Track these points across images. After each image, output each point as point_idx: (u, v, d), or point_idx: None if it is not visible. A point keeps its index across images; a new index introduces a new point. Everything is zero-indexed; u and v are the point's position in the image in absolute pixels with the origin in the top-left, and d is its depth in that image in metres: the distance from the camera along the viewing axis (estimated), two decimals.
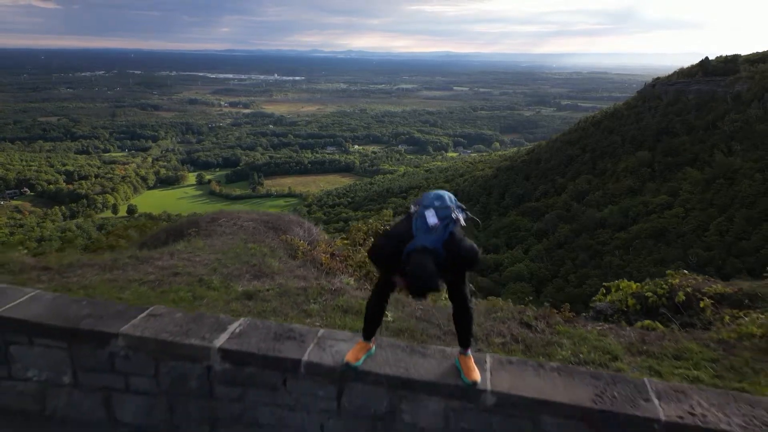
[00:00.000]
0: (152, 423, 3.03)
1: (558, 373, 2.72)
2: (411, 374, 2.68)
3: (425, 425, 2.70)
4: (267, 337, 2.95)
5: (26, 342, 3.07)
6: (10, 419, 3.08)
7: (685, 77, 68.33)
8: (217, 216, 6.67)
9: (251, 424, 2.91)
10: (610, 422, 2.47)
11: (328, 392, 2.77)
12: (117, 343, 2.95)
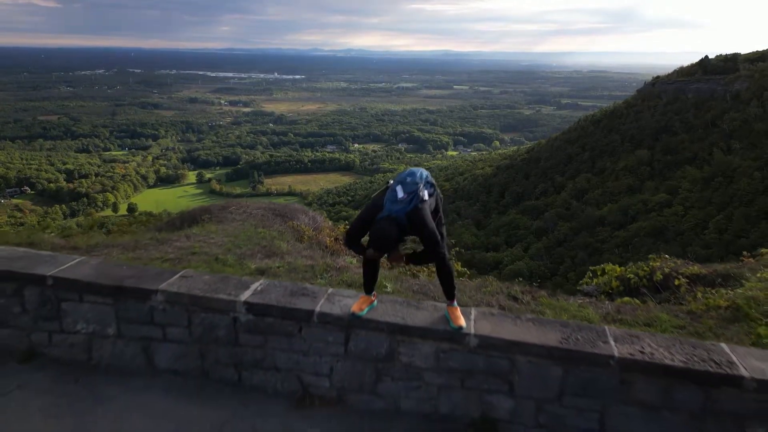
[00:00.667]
0: (185, 368, 3.40)
1: (532, 323, 3.13)
2: (407, 322, 3.08)
3: (419, 364, 3.10)
4: (284, 293, 3.33)
5: (77, 299, 3.41)
6: (56, 372, 3.37)
7: (684, 76, 68.22)
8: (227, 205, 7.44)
9: (271, 368, 3.29)
10: (573, 359, 2.87)
11: (336, 338, 3.16)
12: (156, 298, 3.30)
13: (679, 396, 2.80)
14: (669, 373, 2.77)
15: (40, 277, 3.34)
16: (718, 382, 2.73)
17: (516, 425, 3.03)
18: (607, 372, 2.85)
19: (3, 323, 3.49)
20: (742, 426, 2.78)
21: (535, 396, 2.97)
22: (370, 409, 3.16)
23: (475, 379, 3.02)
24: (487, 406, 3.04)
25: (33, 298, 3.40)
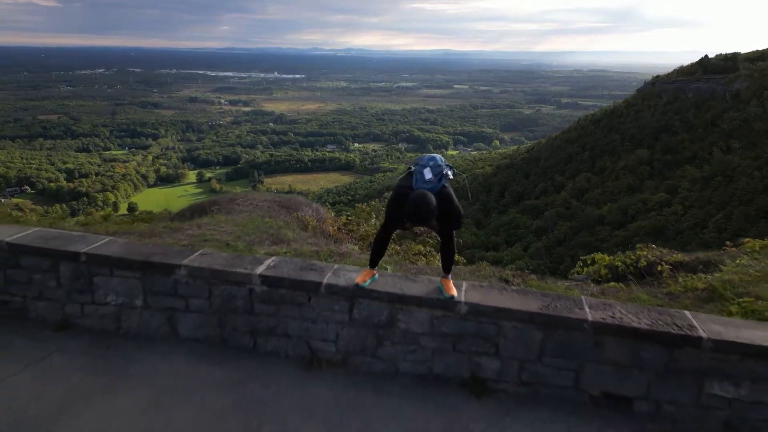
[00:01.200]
0: (206, 336, 3.76)
1: (516, 293, 3.53)
2: (405, 292, 3.43)
3: (416, 330, 3.45)
4: (295, 268, 3.70)
5: (107, 273, 3.78)
6: (87, 340, 3.74)
7: (684, 75, 68.18)
8: (234, 197, 7.66)
9: (283, 334, 3.65)
10: (552, 322, 3.23)
11: (342, 307, 3.52)
12: (180, 272, 3.66)
13: (646, 355, 3.17)
14: (636, 335, 3.14)
15: (74, 254, 3.71)
16: (680, 342, 3.10)
17: (502, 383, 3.40)
18: (582, 335, 3.22)
19: (40, 296, 3.86)
20: (701, 382, 3.15)
21: (518, 357, 3.34)
22: (372, 370, 3.53)
23: (466, 342, 3.38)
24: (476, 367, 3.41)
25: (67, 273, 3.77)
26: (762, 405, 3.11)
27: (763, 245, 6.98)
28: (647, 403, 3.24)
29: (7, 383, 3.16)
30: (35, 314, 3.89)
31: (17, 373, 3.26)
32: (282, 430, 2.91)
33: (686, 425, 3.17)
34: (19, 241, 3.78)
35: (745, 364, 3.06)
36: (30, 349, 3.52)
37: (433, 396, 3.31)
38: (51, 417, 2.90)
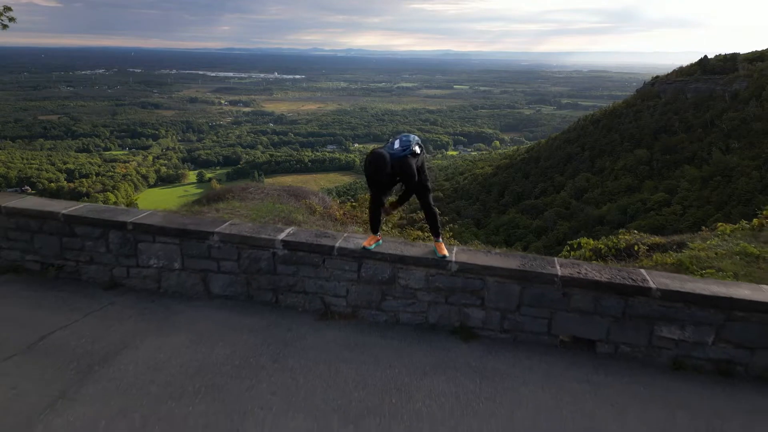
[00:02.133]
0: (234, 293, 4.40)
1: (499, 255, 4.19)
2: (405, 253, 4.06)
3: (414, 286, 4.09)
4: (311, 235, 4.34)
5: (150, 240, 4.42)
6: (134, 297, 4.36)
7: (684, 76, 68.40)
8: (246, 186, 8.22)
9: (301, 291, 4.30)
10: (528, 277, 3.86)
11: (351, 267, 4.15)
12: (213, 238, 4.28)
13: (606, 304, 3.79)
14: (598, 287, 3.77)
15: (122, 224, 4.34)
16: (634, 292, 3.72)
17: (486, 331, 4.02)
18: (553, 287, 3.84)
19: (91, 261, 4.49)
20: (652, 326, 3.77)
21: (500, 308, 3.97)
22: (377, 321, 4.16)
23: (456, 295, 4.01)
24: (465, 317, 4.04)
25: (116, 240, 4.40)
26: (703, 345, 3.73)
27: (734, 229, 7.67)
28: (607, 344, 3.87)
29: (72, 327, 3.79)
30: (87, 276, 4.52)
31: (80, 319, 3.89)
32: (303, 360, 3.54)
33: (640, 363, 3.80)
34: (74, 213, 4.41)
35: (688, 310, 3.69)
36: (87, 303, 4.15)
37: (429, 340, 3.94)
38: (114, 350, 3.52)
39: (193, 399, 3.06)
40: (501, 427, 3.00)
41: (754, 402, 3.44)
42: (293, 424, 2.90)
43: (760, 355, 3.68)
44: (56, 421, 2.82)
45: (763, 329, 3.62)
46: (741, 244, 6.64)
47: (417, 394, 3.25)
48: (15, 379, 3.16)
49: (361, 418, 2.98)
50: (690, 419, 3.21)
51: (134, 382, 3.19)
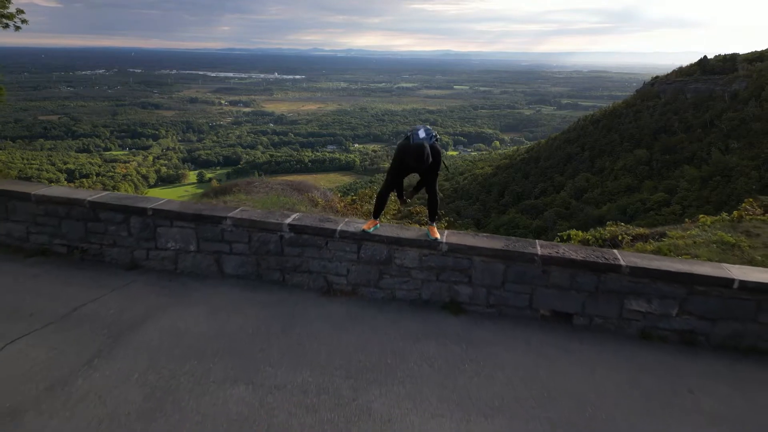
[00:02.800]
0: (245, 273, 4.83)
1: (485, 237, 4.61)
2: (400, 236, 4.47)
3: (408, 265, 4.51)
4: (315, 220, 4.77)
5: (168, 225, 4.74)
6: (154, 276, 4.81)
7: (683, 76, 68.45)
8: (251, 181, 8.64)
9: (306, 271, 4.72)
10: (511, 257, 4.28)
11: (352, 248, 4.57)
12: (226, 222, 4.70)
13: (581, 280, 4.21)
14: (574, 264, 4.18)
15: (142, 209, 4.75)
16: (605, 269, 4.14)
17: (474, 306, 4.44)
18: (533, 266, 4.25)
19: (114, 244, 4.91)
20: (622, 300, 4.19)
21: (486, 284, 4.38)
22: (375, 297, 4.58)
23: (446, 274, 4.43)
24: (454, 293, 4.45)
25: (137, 225, 4.81)
26: (668, 317, 4.14)
27: (714, 221, 8.11)
28: (583, 317, 4.29)
29: (100, 300, 4.20)
30: (109, 258, 4.94)
31: (107, 294, 4.31)
32: (309, 329, 3.95)
33: (612, 334, 4.21)
34: (98, 200, 4.82)
35: (654, 285, 4.10)
36: (111, 280, 4.57)
37: (422, 314, 4.35)
38: (140, 320, 3.94)
39: (212, 359, 3.47)
40: (484, 383, 3.42)
41: (713, 366, 3.85)
42: (300, 379, 3.31)
43: (721, 325, 4.09)
44: (94, 375, 3.23)
45: (723, 302, 4.04)
46: (718, 234, 7.07)
47: (410, 357, 3.67)
48: (55, 341, 3.57)
49: (360, 374, 3.40)
50: (652, 380, 3.62)
51: (160, 345, 3.61)
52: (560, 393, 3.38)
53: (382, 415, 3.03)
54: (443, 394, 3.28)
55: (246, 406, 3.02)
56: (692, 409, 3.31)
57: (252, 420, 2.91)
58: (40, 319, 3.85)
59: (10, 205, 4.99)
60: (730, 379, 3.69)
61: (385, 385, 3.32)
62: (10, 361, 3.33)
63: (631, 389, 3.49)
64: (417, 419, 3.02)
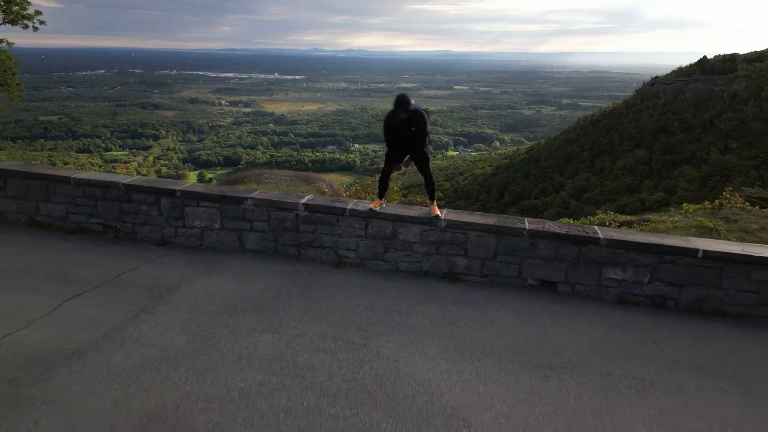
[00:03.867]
0: (264, 248, 5.38)
1: (479, 215, 5.16)
2: (403, 214, 5.03)
3: (411, 240, 5.06)
4: (327, 200, 5.41)
5: (195, 205, 5.22)
6: (183, 251, 5.37)
7: (683, 76, 68.41)
8: (261, 173, 8.97)
9: (319, 246, 5.29)
10: (502, 231, 4.82)
11: (360, 225, 5.12)
12: (247, 202, 5.12)
13: (564, 251, 4.74)
14: (558, 237, 4.71)
15: (171, 191, 5.28)
16: (585, 241, 4.67)
17: (469, 276, 4.97)
18: (522, 239, 4.79)
19: (145, 222, 5.44)
20: (600, 269, 4.72)
21: (480, 256, 4.91)
22: (381, 269, 5.11)
23: (444, 247, 4.96)
24: (452, 264, 4.98)
25: (166, 205, 5.34)
26: (641, 283, 4.68)
27: (696, 208, 8.67)
28: (566, 285, 4.82)
29: (138, 270, 4.74)
30: (141, 236, 5.47)
31: (143, 265, 4.84)
32: (324, 294, 4.49)
33: (591, 299, 4.74)
34: (132, 183, 5.36)
35: (629, 255, 4.64)
36: (145, 254, 5.11)
37: (422, 283, 4.89)
38: (175, 285, 4.48)
39: (242, 314, 4.01)
40: (476, 334, 3.95)
41: (678, 325, 4.39)
42: (319, 330, 3.85)
43: (687, 291, 4.63)
44: (142, 326, 3.77)
45: (690, 270, 4.57)
46: (698, 219, 7.61)
47: (412, 315, 4.20)
48: (104, 301, 4.11)
49: (370, 327, 3.94)
50: (623, 334, 4.16)
51: (195, 303, 4.15)
52: (543, 343, 3.91)
53: (390, 356, 3.56)
54: (441, 342, 3.81)
55: (274, 349, 3.56)
56: (656, 356, 3.84)
57: (280, 359, 3.44)
58: (88, 283, 4.39)
59: (51, 188, 5.52)
60: (692, 335, 4.23)
61: (391, 336, 3.85)
62: (68, 315, 3.87)
63: (605, 342, 4.02)
64: (419, 360, 3.55)
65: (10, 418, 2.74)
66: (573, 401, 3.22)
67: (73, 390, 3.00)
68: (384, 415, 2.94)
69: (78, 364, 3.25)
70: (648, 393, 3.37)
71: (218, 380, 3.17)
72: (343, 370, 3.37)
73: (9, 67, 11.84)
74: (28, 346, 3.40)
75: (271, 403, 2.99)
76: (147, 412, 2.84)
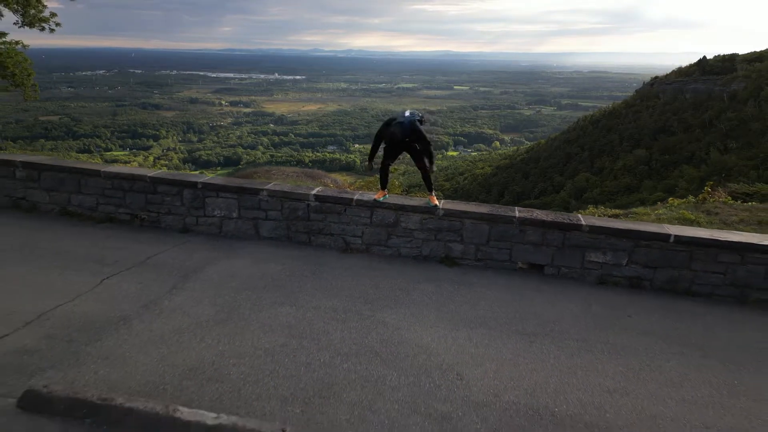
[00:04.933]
0: (278, 236, 5.92)
1: (474, 204, 5.73)
2: (405, 204, 5.57)
3: (412, 227, 5.59)
4: (335, 192, 6.07)
5: (215, 196, 5.68)
6: (204, 238, 5.89)
7: (682, 76, 68.35)
8: (269, 169, 9.48)
9: (328, 233, 5.81)
10: (494, 219, 5.32)
11: (365, 214, 5.64)
12: (263, 193, 5.59)
13: (550, 237, 5.24)
14: (545, 224, 5.22)
15: (193, 183, 5.79)
16: (569, 227, 5.17)
17: (465, 260, 5.47)
18: (512, 226, 5.29)
19: (169, 212, 5.95)
20: (583, 253, 5.22)
21: (474, 242, 5.42)
22: (384, 254, 5.62)
23: (442, 234, 5.47)
24: (449, 249, 5.49)
25: (188, 196, 5.85)
26: (620, 266, 5.18)
27: (681, 202, 9.18)
28: (552, 267, 5.32)
29: (166, 253, 5.25)
30: (165, 224, 5.98)
31: (169, 249, 5.36)
32: (334, 274, 5.00)
33: (575, 280, 5.25)
34: (157, 176, 5.87)
35: (608, 240, 5.14)
36: (170, 240, 5.62)
37: (422, 266, 5.40)
38: (200, 266, 4.99)
39: (262, 290, 4.52)
40: (469, 308, 4.46)
41: (651, 301, 4.90)
42: (330, 303, 4.36)
43: (661, 272, 5.13)
44: (176, 298, 4.28)
45: (663, 254, 5.08)
46: (681, 212, 8.12)
47: (414, 292, 4.71)
48: (139, 278, 4.62)
49: (375, 302, 4.45)
50: (601, 309, 4.67)
51: (219, 281, 4.66)
52: (529, 316, 4.42)
53: (394, 325, 4.07)
54: (438, 314, 4.32)
55: (292, 318, 4.07)
56: (629, 327, 4.35)
57: (298, 326, 3.95)
58: (122, 264, 4.90)
59: (83, 181, 6.03)
60: (663, 310, 4.74)
61: (394, 308, 4.36)
62: (109, 290, 4.38)
63: (584, 315, 4.53)
64: (419, 328, 4.06)
65: (74, 369, 3.24)
66: (552, 361, 3.73)
67: (123, 348, 3.50)
68: (389, 370, 3.45)
69: (124, 329, 3.76)
70: (618, 355, 3.88)
71: (246, 342, 3.68)
72: (353, 335, 3.88)
73: (25, 68, 12.31)
74: (79, 314, 3.91)
75: (292, 359, 3.50)
76: (189, 365, 3.34)
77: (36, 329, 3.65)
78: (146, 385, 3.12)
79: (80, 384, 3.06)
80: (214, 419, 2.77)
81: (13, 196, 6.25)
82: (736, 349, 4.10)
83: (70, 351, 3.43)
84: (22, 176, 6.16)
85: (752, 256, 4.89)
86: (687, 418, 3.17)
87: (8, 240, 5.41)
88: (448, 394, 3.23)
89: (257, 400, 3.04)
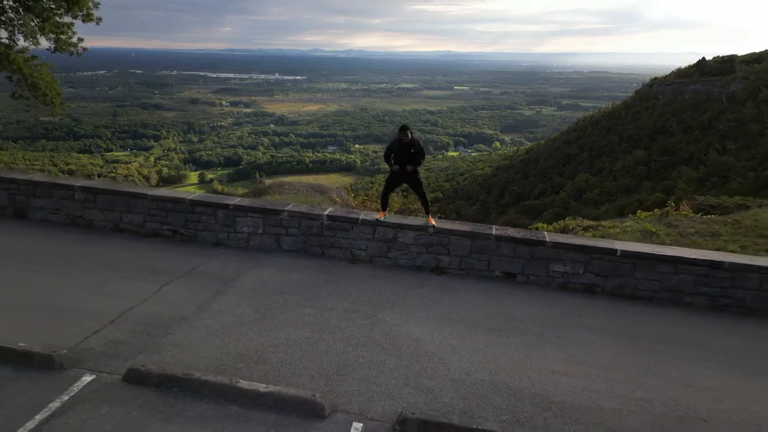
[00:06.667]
0: (296, 249, 6.85)
1: (459, 223, 6.63)
2: (402, 222, 6.75)
3: (408, 242, 6.85)
4: (344, 212, 6.90)
5: (243, 215, 6.87)
6: (234, 251, 6.82)
7: (682, 77, 68.00)
8: (281, 184, 10.63)
9: (338, 246, 6.76)
10: (475, 236, 6.55)
11: (369, 231, 6.75)
12: (283, 214, 6.76)
13: (521, 250, 6.40)
14: (516, 240, 6.37)
15: (226, 205, 6.95)
16: (536, 243, 6.33)
17: (451, 269, 6.63)
18: (490, 242, 6.45)
19: (204, 229, 7.11)
20: (548, 264, 6.37)
21: (459, 254, 6.57)
22: (385, 264, 6.78)
23: (433, 247, 6.62)
24: (438, 261, 6.65)
25: (221, 216, 7.01)
26: (577, 275, 6.34)
27: (647, 215, 10.33)
28: (522, 276, 6.48)
29: (206, 264, 6.42)
30: (201, 239, 7.14)
31: (208, 261, 6.52)
32: (344, 282, 6.16)
33: (541, 287, 6.40)
34: (196, 198, 7.03)
35: (568, 254, 6.29)
36: (207, 253, 6.79)
37: (416, 275, 6.56)
38: (235, 275, 6.15)
39: (288, 294, 5.69)
40: (453, 310, 5.62)
41: (601, 303, 6.07)
42: (342, 305, 5.52)
43: (611, 280, 6.29)
44: (221, 301, 5.44)
45: (612, 265, 6.23)
46: (644, 224, 9.28)
47: (408, 296, 5.87)
48: (189, 285, 5.77)
49: (377, 304, 5.61)
50: (558, 309, 5.84)
51: (253, 287, 5.82)
52: (499, 315, 5.57)
53: (392, 322, 5.23)
54: (428, 314, 5.48)
55: (313, 317, 5.23)
56: (579, 325, 5.51)
57: (317, 323, 5.11)
58: (173, 273, 6.05)
59: (132, 202, 7.19)
60: (609, 311, 5.90)
61: (393, 310, 5.52)
62: (168, 295, 5.53)
63: (544, 315, 5.69)
64: (413, 324, 5.22)
65: (156, 355, 4.39)
66: (514, 350, 4.89)
67: (189, 339, 4.66)
68: (388, 356, 4.60)
69: (186, 326, 4.92)
70: (566, 346, 5.03)
71: (280, 335, 4.83)
72: (360, 330, 5.03)
73: (54, 87, 13.40)
74: (149, 314, 5.07)
75: (315, 348, 4.65)
76: (239, 352, 4.50)
77: (121, 325, 4.81)
78: (210, 366, 4.27)
79: (165, 365, 4.21)
80: (265, 388, 3.92)
81: (71, 215, 7.41)
82: (659, 339, 5.27)
83: (150, 342, 4.58)
84: (80, 198, 7.32)
85: (683, 267, 6.05)
86: (608, 391, 4.33)
87: (70, 251, 6.57)
88: (432, 374, 4.38)
89: (293, 376, 4.19)
